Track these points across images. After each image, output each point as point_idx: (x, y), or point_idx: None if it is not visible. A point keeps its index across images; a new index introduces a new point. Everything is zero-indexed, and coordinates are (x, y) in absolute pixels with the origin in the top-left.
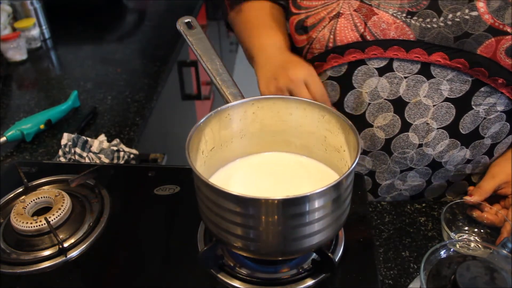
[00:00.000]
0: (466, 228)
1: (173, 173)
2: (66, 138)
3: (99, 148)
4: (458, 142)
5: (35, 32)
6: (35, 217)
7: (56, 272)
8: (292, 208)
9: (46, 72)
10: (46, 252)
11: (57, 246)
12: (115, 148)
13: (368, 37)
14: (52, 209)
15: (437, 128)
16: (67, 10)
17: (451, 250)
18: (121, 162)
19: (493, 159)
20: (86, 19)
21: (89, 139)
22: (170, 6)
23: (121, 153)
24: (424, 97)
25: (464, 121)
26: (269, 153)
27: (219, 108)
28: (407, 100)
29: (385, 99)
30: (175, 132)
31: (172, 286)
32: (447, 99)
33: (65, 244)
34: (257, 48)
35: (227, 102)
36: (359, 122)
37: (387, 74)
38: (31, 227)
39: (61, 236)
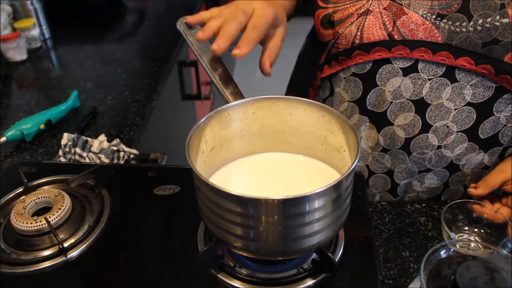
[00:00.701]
0: (466, 228)
1: (173, 173)
2: (66, 138)
3: (99, 148)
4: (476, 146)
5: (35, 32)
6: (35, 217)
7: (56, 272)
8: (292, 208)
9: (46, 72)
10: (46, 252)
11: (57, 246)
12: (115, 148)
13: (396, 37)
14: (52, 209)
15: (457, 131)
16: (67, 10)
17: (451, 250)
18: (121, 162)
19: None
20: (86, 19)
21: (89, 139)
22: (170, 6)
23: (121, 153)
24: (446, 100)
25: (484, 126)
26: (269, 153)
27: (219, 108)
28: (429, 102)
29: (408, 99)
30: (175, 132)
31: (172, 286)
32: (469, 104)
33: (65, 244)
34: None
35: (227, 102)
36: (380, 120)
37: (412, 75)
38: (31, 227)
39: (61, 236)
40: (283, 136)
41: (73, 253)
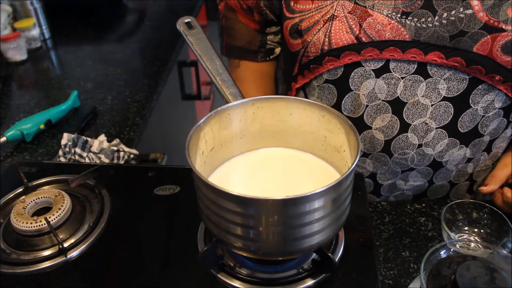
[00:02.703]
0: (466, 228)
1: (173, 173)
2: (66, 138)
3: (99, 148)
4: (457, 141)
5: (35, 32)
6: (35, 217)
7: (56, 272)
8: (292, 208)
9: (46, 72)
10: (46, 252)
11: (57, 246)
12: (115, 148)
13: (364, 39)
14: (52, 209)
15: (436, 128)
16: (67, 10)
17: (451, 250)
18: (121, 162)
19: (492, 154)
20: (86, 19)
21: (89, 139)
22: (170, 6)
23: (121, 153)
24: (422, 97)
25: (462, 120)
26: (269, 149)
27: (219, 108)
28: (405, 101)
29: (383, 100)
30: (175, 132)
31: (172, 286)
32: (445, 98)
33: (65, 244)
34: None
35: (227, 102)
36: (358, 125)
37: (384, 75)
38: (31, 227)
39: (61, 236)
40: (283, 136)
41: (73, 253)
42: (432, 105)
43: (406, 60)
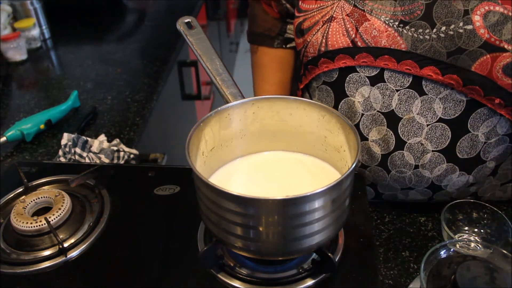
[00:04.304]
0: (466, 228)
1: (173, 173)
2: (66, 138)
3: (99, 148)
4: (457, 167)
5: (35, 32)
6: (35, 217)
7: (56, 272)
8: (292, 208)
9: (46, 72)
10: (46, 252)
11: (57, 246)
12: (115, 148)
13: (359, 43)
14: (52, 209)
15: (433, 151)
16: (67, 10)
17: (451, 250)
18: (121, 162)
19: (499, 176)
20: (86, 19)
21: (89, 139)
22: (170, 6)
23: (121, 153)
24: (417, 114)
25: (461, 145)
26: (269, 152)
27: (219, 108)
28: (400, 115)
29: (378, 111)
30: (175, 132)
31: (172, 286)
32: (441, 120)
33: (65, 244)
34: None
35: (227, 102)
36: None
37: (379, 85)
38: (31, 227)
39: (61, 236)
40: (283, 136)
41: (73, 253)
42: (427, 125)
43: (401, 72)
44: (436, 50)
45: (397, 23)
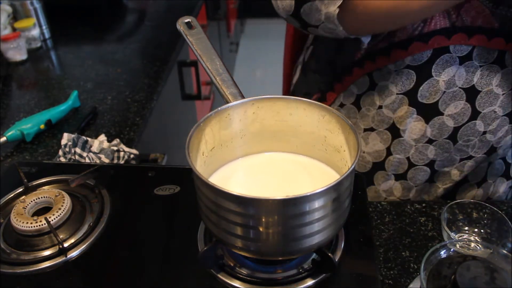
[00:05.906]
0: (466, 228)
1: (173, 173)
2: (66, 138)
3: (99, 148)
4: None
5: (35, 32)
6: (35, 217)
7: (56, 272)
8: (292, 208)
9: (46, 72)
10: (46, 252)
11: (57, 246)
12: (115, 148)
13: (458, 24)
14: (52, 209)
15: (502, 116)
16: (67, 10)
17: (451, 250)
18: (121, 162)
19: None
20: (86, 19)
21: (89, 139)
22: (170, 6)
23: (121, 153)
24: (496, 86)
25: None
26: (269, 153)
27: (219, 108)
28: (480, 89)
29: (460, 87)
30: (175, 132)
31: (172, 286)
32: None
33: (65, 244)
34: None
35: (227, 102)
36: (429, 111)
37: (467, 63)
38: (31, 227)
39: (61, 236)
40: (283, 136)
41: (73, 253)
42: (503, 94)
43: (489, 49)
44: None
45: (491, 4)
